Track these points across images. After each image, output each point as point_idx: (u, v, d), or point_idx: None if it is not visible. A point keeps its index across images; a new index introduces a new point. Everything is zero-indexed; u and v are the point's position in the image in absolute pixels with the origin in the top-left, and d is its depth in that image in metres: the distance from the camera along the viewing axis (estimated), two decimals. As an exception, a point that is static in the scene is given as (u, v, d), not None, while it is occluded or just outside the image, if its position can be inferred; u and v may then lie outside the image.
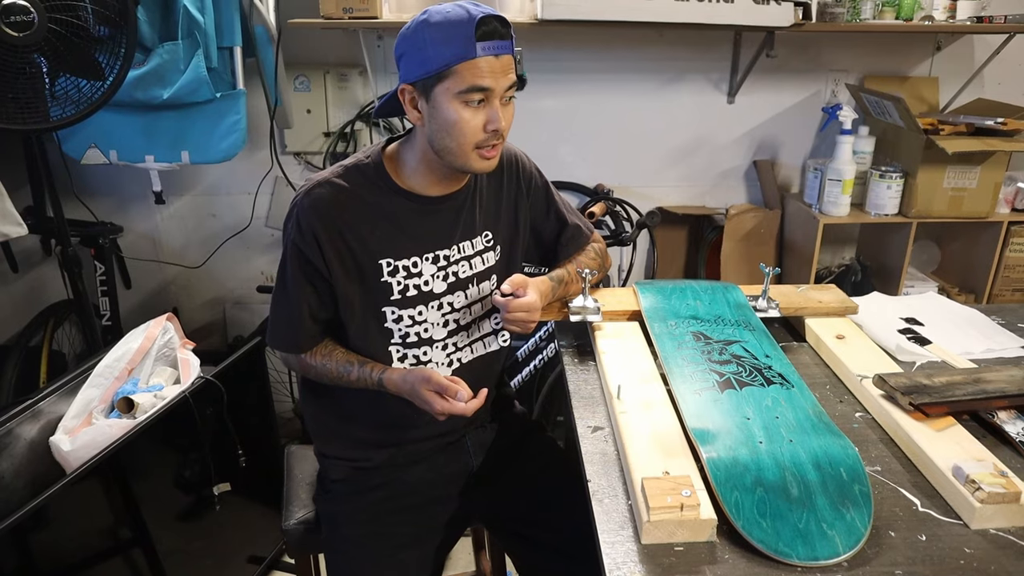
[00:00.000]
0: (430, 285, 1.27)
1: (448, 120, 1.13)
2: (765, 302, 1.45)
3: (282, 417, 2.56)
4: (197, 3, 2.00)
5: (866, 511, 0.90)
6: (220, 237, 2.61)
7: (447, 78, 1.11)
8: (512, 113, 1.19)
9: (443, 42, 1.09)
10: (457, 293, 1.30)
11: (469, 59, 1.09)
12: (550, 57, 2.47)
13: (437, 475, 1.35)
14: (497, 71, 1.11)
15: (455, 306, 1.30)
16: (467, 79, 1.10)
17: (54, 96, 1.72)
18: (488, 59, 1.10)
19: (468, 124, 1.13)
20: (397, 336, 1.27)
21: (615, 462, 1.05)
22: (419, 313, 1.27)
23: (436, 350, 1.30)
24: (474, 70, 1.10)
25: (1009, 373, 1.17)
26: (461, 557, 2.20)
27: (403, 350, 1.28)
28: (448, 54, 1.09)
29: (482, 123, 1.13)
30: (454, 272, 1.29)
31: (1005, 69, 2.56)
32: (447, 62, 1.09)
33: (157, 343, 1.73)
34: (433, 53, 1.10)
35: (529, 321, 1.27)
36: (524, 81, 1.25)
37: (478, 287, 1.33)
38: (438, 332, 1.30)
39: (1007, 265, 2.43)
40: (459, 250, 1.29)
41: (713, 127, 2.62)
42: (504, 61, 1.12)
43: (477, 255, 1.32)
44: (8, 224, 1.91)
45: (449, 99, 1.12)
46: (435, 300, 1.28)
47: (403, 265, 1.24)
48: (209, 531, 1.82)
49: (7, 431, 1.49)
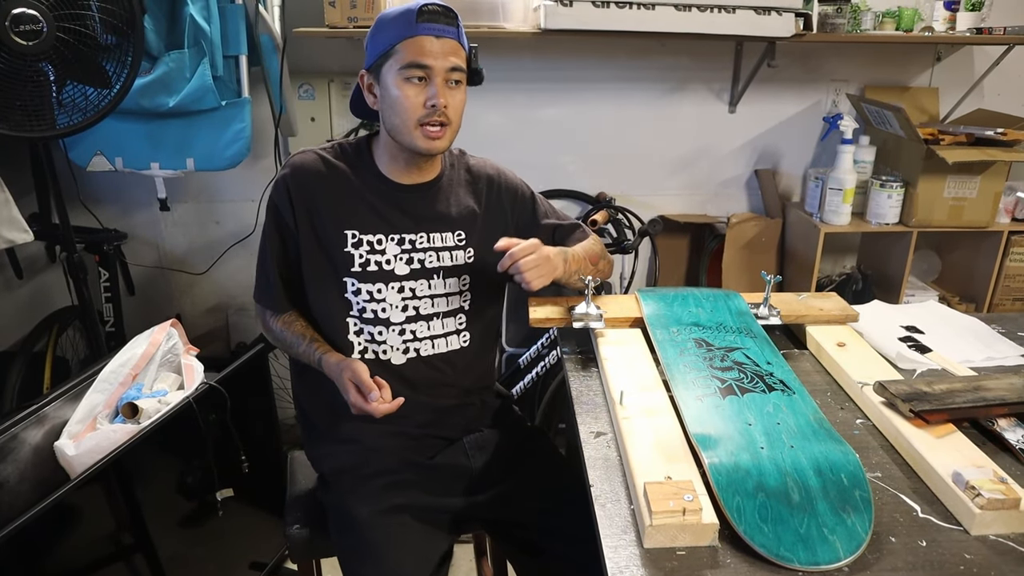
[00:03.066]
0: (392, 265, 1.32)
1: (392, 97, 1.23)
2: (766, 309, 1.46)
3: (285, 423, 2.56)
4: (203, 12, 2.02)
5: (867, 516, 0.90)
6: (224, 244, 2.63)
7: (391, 57, 1.22)
8: (461, 99, 1.27)
9: (390, 26, 1.22)
10: (420, 280, 1.34)
11: (409, 37, 1.20)
12: (552, 66, 2.49)
13: (437, 470, 1.37)
14: (437, 52, 1.21)
15: (416, 293, 1.34)
16: (407, 56, 1.21)
17: (61, 104, 1.73)
18: (428, 39, 1.20)
19: (409, 100, 1.22)
20: (355, 309, 1.33)
21: (617, 467, 1.06)
22: (378, 291, 1.32)
23: (392, 333, 1.34)
24: (414, 48, 1.20)
25: (1009, 381, 1.18)
26: (463, 564, 2.20)
27: (360, 324, 1.33)
28: (393, 35, 1.21)
29: (423, 100, 1.22)
30: (419, 259, 1.34)
31: (1005, 80, 2.57)
32: (391, 42, 1.21)
33: (161, 349, 1.74)
34: (381, 38, 1.23)
35: (541, 260, 1.28)
36: (480, 75, 1.33)
37: (444, 281, 1.36)
38: (396, 315, 1.33)
39: (1007, 275, 2.44)
40: (427, 239, 1.35)
41: (714, 136, 2.64)
42: (445, 43, 1.22)
43: (447, 250, 1.36)
44: (14, 231, 1.92)
45: (393, 77, 1.23)
46: (396, 282, 1.33)
47: (367, 240, 1.31)
48: (211, 536, 1.82)
49: (12, 436, 1.49)
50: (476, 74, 1.32)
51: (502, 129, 2.50)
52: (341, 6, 2.13)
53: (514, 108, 2.52)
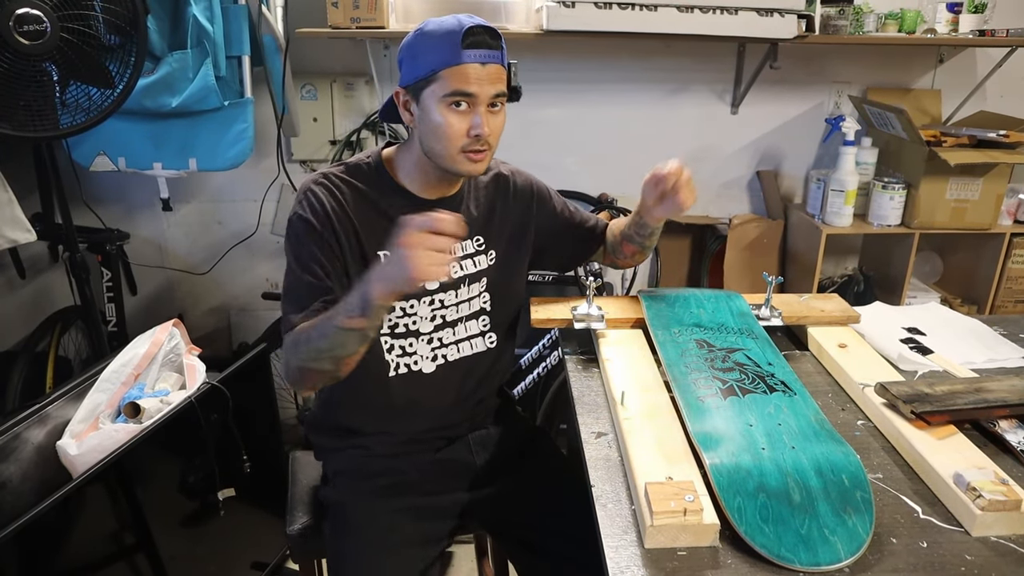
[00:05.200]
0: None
1: (434, 123, 1.18)
2: (768, 311, 1.46)
3: (286, 424, 2.56)
4: (206, 12, 2.03)
5: (868, 517, 0.90)
6: (226, 244, 2.63)
7: (434, 82, 1.16)
8: (501, 122, 1.23)
9: (433, 49, 1.15)
10: (449, 291, 1.33)
11: (455, 65, 1.14)
12: (555, 67, 2.49)
13: (440, 468, 1.37)
14: (483, 79, 1.15)
15: (444, 303, 1.33)
16: (452, 84, 1.14)
17: (64, 104, 1.74)
18: (474, 66, 1.14)
19: (452, 128, 1.17)
20: (387, 326, 1.31)
21: (619, 467, 1.06)
22: (411, 306, 1.30)
23: (422, 343, 1.33)
24: (459, 76, 1.14)
25: (1010, 383, 1.18)
26: (464, 564, 2.20)
27: (391, 340, 1.31)
28: (436, 60, 1.15)
29: (466, 128, 1.17)
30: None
31: (1007, 82, 2.57)
32: (434, 67, 1.15)
33: (164, 348, 1.74)
34: (423, 59, 1.16)
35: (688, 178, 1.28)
36: (519, 93, 1.30)
37: (468, 287, 1.36)
38: (425, 325, 1.33)
39: (1009, 277, 2.44)
40: (451, 250, 1.31)
41: (717, 138, 2.64)
42: (491, 70, 1.16)
43: (468, 257, 1.35)
44: (17, 230, 1.92)
45: (435, 103, 1.17)
46: (427, 295, 1.31)
47: None
48: (213, 536, 1.82)
49: (15, 435, 1.50)
50: (515, 92, 1.29)
51: (505, 130, 2.48)
52: (344, 7, 2.13)
53: (516, 109, 2.46)
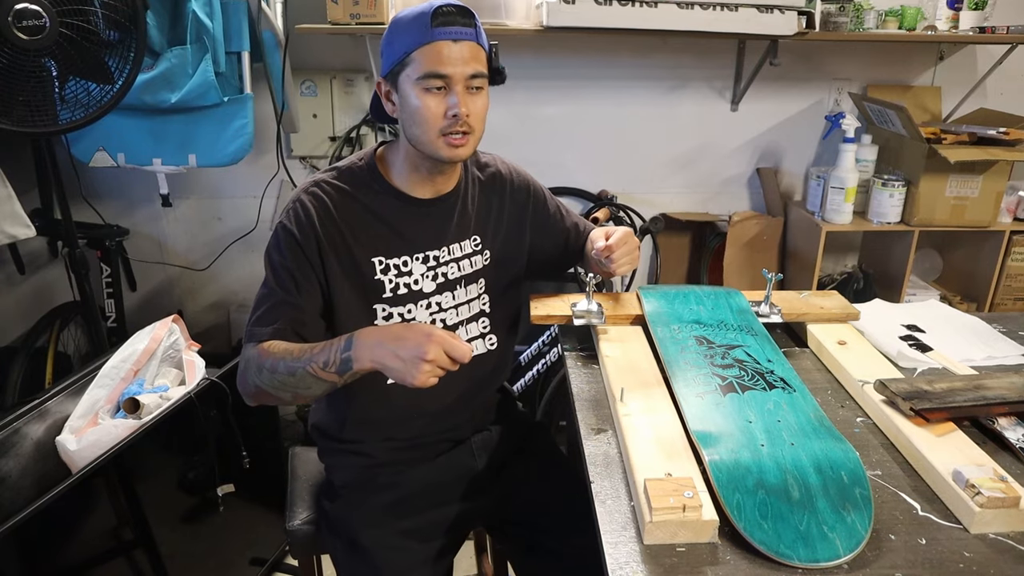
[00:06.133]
0: (420, 284, 1.29)
1: (412, 107, 1.17)
2: (768, 308, 1.46)
3: (286, 420, 2.56)
4: (206, 8, 2.02)
5: (866, 514, 0.90)
6: (225, 240, 2.63)
7: (408, 65, 1.15)
8: (483, 104, 1.20)
9: (405, 31, 1.15)
10: (445, 294, 1.32)
11: (426, 43, 1.13)
12: (555, 64, 2.49)
13: (443, 476, 1.36)
14: (455, 57, 1.14)
15: (443, 306, 1.32)
16: (425, 64, 1.14)
17: (63, 99, 1.73)
18: (446, 44, 1.13)
19: (430, 110, 1.15)
20: None
21: (618, 464, 1.06)
22: (408, 311, 1.29)
23: None
24: (431, 56, 1.13)
25: (1010, 380, 1.18)
26: (463, 561, 2.20)
27: None
28: (408, 41, 1.14)
29: (443, 110, 1.16)
30: (443, 273, 1.31)
31: (1007, 79, 2.57)
32: (407, 49, 1.14)
33: (163, 344, 1.74)
34: (397, 44, 1.16)
35: (631, 249, 1.34)
36: (503, 75, 1.27)
37: (465, 289, 1.34)
38: None
39: (1009, 274, 2.44)
40: (449, 252, 1.31)
41: (716, 134, 2.64)
42: (464, 48, 1.14)
43: (466, 257, 1.34)
44: (16, 226, 1.92)
45: (411, 86, 1.16)
46: (424, 299, 1.30)
47: (394, 263, 1.26)
48: (212, 532, 1.82)
49: (14, 430, 1.50)
50: (498, 73, 1.25)
51: (504, 126, 2.49)
52: (343, 3, 2.13)
53: (516, 105, 2.52)
